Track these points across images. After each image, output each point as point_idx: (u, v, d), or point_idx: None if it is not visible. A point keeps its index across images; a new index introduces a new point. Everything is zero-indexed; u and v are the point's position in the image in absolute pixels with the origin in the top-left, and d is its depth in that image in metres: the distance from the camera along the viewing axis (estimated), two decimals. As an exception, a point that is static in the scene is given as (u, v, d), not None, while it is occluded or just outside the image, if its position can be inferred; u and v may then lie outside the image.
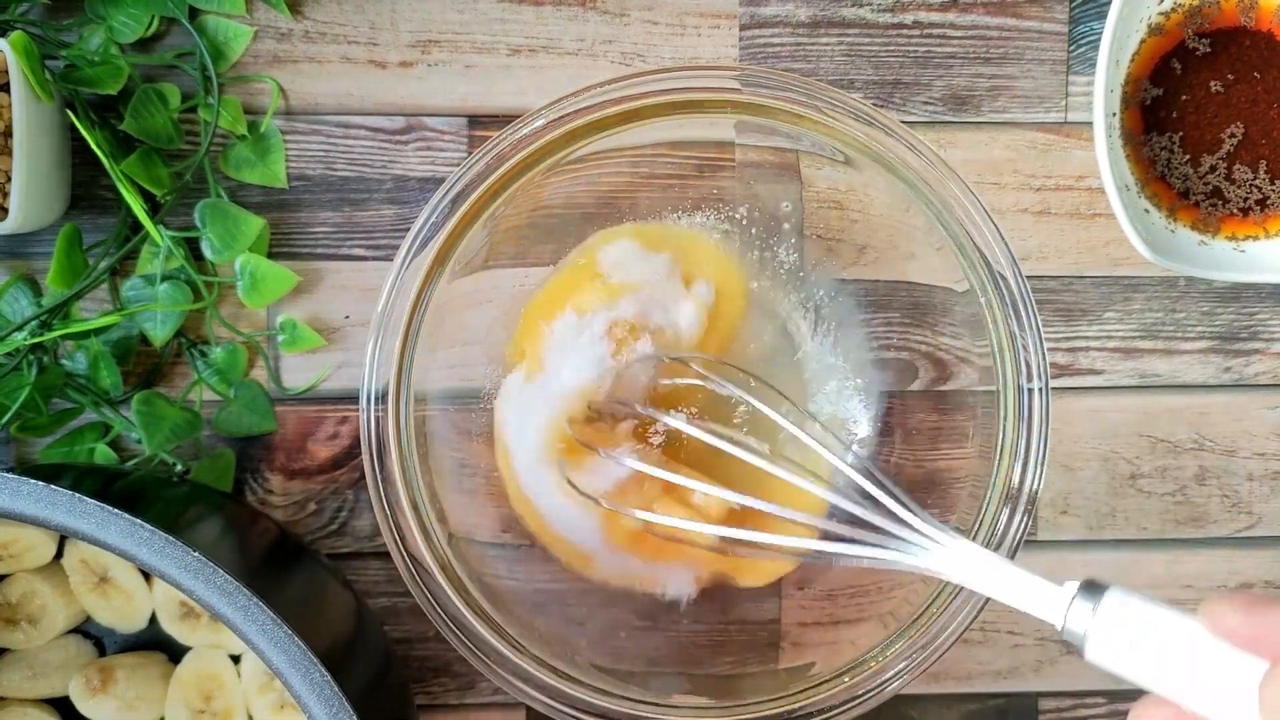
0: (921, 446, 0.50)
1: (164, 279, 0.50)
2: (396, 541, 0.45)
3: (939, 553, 0.36)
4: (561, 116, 0.44)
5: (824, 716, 0.45)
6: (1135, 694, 0.59)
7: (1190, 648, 0.31)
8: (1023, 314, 0.45)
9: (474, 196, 0.45)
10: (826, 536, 0.39)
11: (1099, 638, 0.32)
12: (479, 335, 0.50)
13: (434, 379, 0.48)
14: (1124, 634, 0.31)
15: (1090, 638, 0.32)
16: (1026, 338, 0.44)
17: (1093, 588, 0.32)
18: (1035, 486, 0.44)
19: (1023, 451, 0.44)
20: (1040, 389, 0.44)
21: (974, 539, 0.45)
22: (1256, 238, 0.53)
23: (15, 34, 0.46)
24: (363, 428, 0.44)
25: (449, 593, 0.44)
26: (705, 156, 0.51)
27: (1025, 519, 0.45)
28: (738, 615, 0.51)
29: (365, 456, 0.44)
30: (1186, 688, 0.31)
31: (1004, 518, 0.45)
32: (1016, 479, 0.45)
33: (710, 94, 0.45)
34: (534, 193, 0.47)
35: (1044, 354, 0.44)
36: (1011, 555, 0.45)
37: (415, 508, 0.45)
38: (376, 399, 0.44)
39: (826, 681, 0.45)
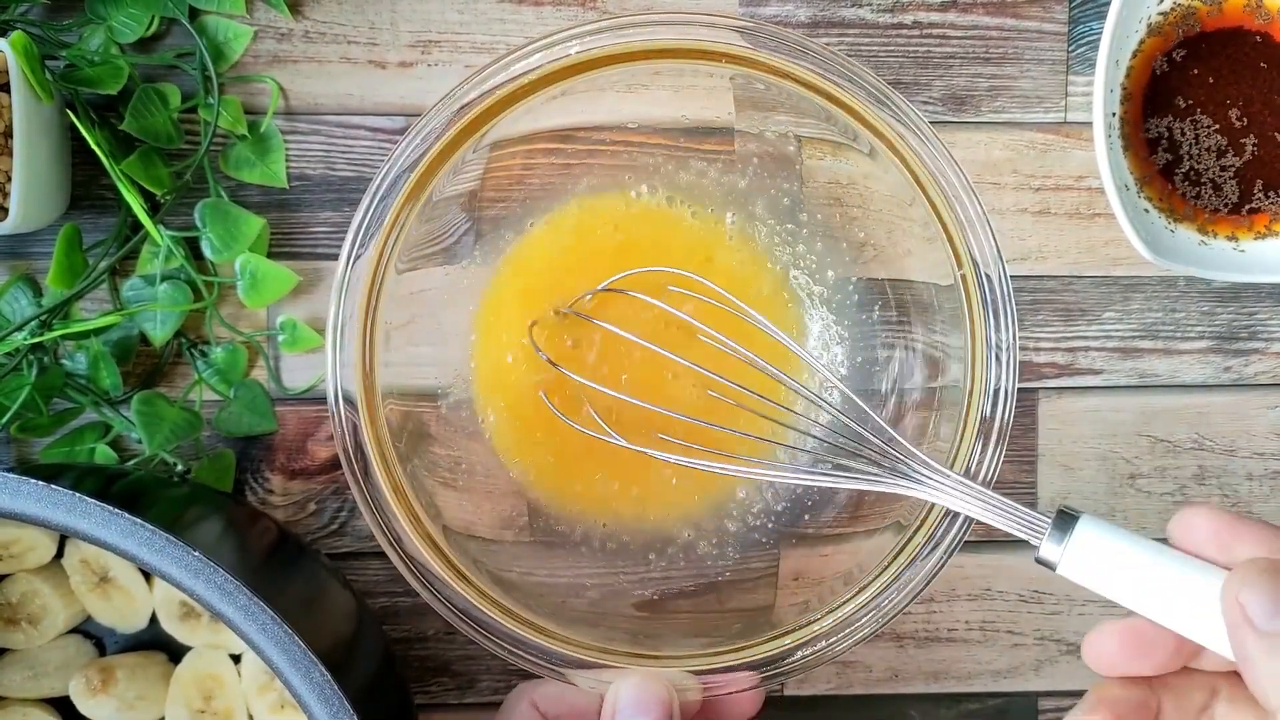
0: (915, 441, 0.50)
1: (164, 279, 0.50)
2: (391, 541, 0.44)
3: (929, 480, 0.40)
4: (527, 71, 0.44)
5: (788, 663, 0.44)
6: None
7: (1157, 566, 0.35)
8: (1001, 310, 0.44)
9: (412, 179, 0.44)
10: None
11: (1070, 560, 0.36)
12: (461, 329, 0.50)
13: (421, 374, 0.48)
14: (1093, 556, 0.36)
15: (1062, 562, 0.37)
16: (1002, 335, 0.44)
17: (1066, 516, 0.37)
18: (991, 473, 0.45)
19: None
20: (1006, 390, 0.44)
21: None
22: (1256, 238, 0.53)
23: (15, 34, 0.46)
24: (335, 430, 0.44)
25: (454, 586, 0.44)
26: (705, 150, 0.51)
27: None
28: (734, 605, 0.51)
29: (343, 460, 0.44)
30: (1154, 603, 0.35)
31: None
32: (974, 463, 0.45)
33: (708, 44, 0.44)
34: (512, 172, 0.47)
35: (1016, 353, 0.44)
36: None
37: (405, 506, 0.45)
38: (346, 401, 0.44)
39: (790, 632, 0.45)
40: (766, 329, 0.45)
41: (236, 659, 0.48)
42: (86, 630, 0.51)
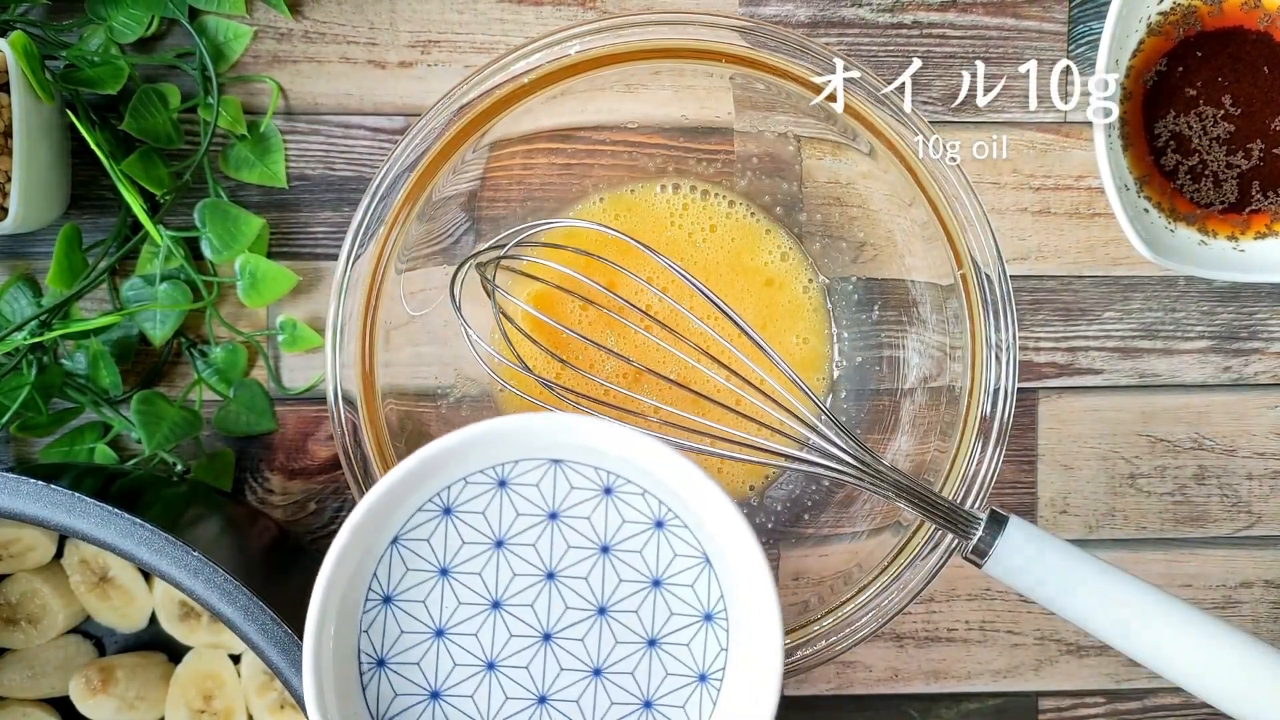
0: (915, 440, 0.50)
1: (164, 279, 0.50)
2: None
3: (863, 469, 0.41)
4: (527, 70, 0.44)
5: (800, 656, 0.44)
6: (1135, 694, 0.59)
7: (1079, 572, 0.38)
8: (1001, 310, 0.44)
9: (412, 178, 0.44)
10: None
11: (998, 559, 0.39)
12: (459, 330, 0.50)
13: (421, 374, 0.48)
14: (1020, 557, 0.39)
15: (989, 560, 0.39)
16: (1002, 335, 0.44)
17: (997, 516, 0.39)
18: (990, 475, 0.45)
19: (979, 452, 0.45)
20: (1006, 390, 0.44)
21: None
22: (1256, 238, 0.53)
23: (15, 34, 0.46)
24: (335, 430, 0.44)
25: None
26: (705, 150, 0.51)
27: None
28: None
29: (343, 460, 0.44)
30: (1073, 607, 0.38)
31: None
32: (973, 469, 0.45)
33: (706, 43, 0.44)
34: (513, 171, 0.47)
35: (1016, 353, 0.44)
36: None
37: None
38: (346, 401, 0.44)
39: (790, 632, 0.45)
40: (706, 296, 0.43)
41: (236, 659, 0.48)
42: (86, 630, 0.51)
